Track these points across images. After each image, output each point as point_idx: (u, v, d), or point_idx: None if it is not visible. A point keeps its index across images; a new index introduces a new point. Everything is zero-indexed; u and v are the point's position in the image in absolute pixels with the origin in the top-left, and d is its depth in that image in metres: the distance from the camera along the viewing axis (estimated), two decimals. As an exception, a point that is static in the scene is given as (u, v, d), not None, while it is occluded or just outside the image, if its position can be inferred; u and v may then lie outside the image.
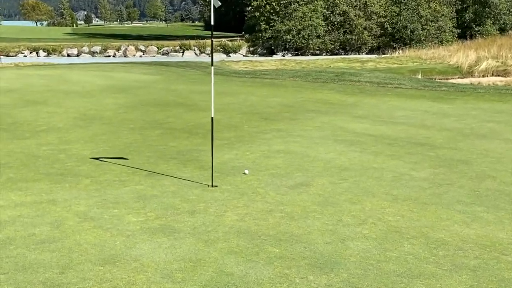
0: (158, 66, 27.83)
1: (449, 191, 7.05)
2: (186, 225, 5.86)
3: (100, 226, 5.86)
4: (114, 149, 9.54)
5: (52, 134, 10.79)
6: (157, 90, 17.79)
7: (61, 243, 5.40)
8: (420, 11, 50.10)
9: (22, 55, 46.44)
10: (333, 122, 11.94)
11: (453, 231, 5.68)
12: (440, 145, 9.72)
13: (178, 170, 8.13)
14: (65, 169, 8.21)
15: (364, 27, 50.24)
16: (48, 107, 14.05)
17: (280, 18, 48.73)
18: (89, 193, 7.02)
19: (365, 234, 5.59)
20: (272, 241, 5.43)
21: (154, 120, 12.31)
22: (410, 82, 20.39)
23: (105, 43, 52.74)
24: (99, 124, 11.82)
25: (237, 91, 17.35)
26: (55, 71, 24.32)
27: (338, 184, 7.39)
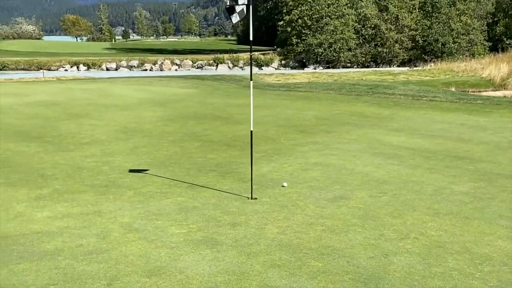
0: (194, 80, 27.95)
1: (490, 205, 6.85)
2: (228, 238, 5.80)
3: (145, 237, 5.83)
4: (155, 161, 9.54)
5: (95, 146, 10.86)
6: (194, 103, 17.84)
7: (108, 254, 5.39)
8: (451, 25, 49.64)
9: (63, 69, 47.11)
10: (369, 135, 11.79)
11: (497, 246, 5.51)
12: (479, 158, 9.49)
13: (217, 182, 8.08)
14: (109, 181, 8.23)
15: (395, 40, 49.95)
16: (90, 120, 14.19)
17: (311, 32, 48.71)
18: (133, 205, 7.01)
19: (408, 249, 5.45)
20: (314, 255, 5.33)
21: (193, 133, 12.31)
22: (445, 95, 20.07)
23: (142, 58, 53.27)
24: (140, 137, 11.86)
25: (272, 104, 17.30)
26: (96, 85, 24.59)
27: (378, 197, 7.25)
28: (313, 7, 48.57)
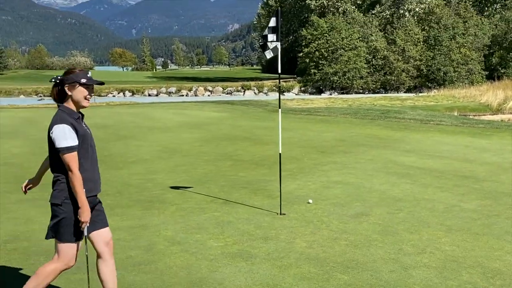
0: (225, 105, 27.98)
1: (497, 222, 6.61)
2: (261, 251, 5.65)
3: (186, 250, 5.70)
4: (193, 178, 9.45)
5: (140, 165, 10.81)
6: (226, 125, 17.80)
7: (154, 265, 5.27)
8: (451, 56, 49.32)
9: (111, 95, 47.64)
10: (383, 156, 11.58)
11: (507, 261, 5.28)
12: (483, 178, 9.22)
13: (249, 199, 7.95)
14: (153, 197, 8.14)
15: (402, 69, 49.81)
16: (136, 141, 14.19)
17: (328, 62, 48.80)
18: (175, 219, 6.90)
19: (425, 263, 5.25)
20: (340, 268, 5.15)
21: (225, 153, 12.22)
22: (450, 119, 19.76)
23: (179, 85, 53.66)
24: (179, 156, 11.81)
25: (295, 126, 17.16)
26: (140, 109, 24.74)
27: (395, 214, 7.04)
28: (329, 40, 48.69)
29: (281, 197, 7.30)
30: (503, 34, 52.29)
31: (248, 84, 52.16)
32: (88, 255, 4.00)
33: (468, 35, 50.79)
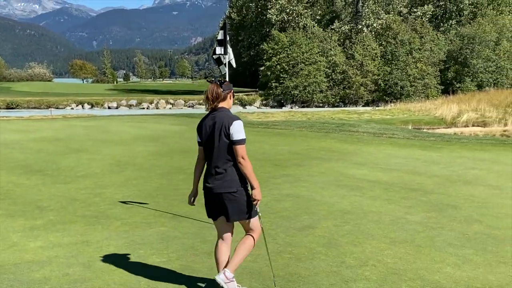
0: (185, 118, 27.82)
1: (440, 234, 6.68)
2: (204, 266, 5.56)
3: (127, 266, 5.57)
4: (143, 193, 9.27)
5: (89, 179, 10.56)
6: (183, 139, 17.63)
7: (91, 283, 5.11)
8: (408, 70, 50.38)
9: (70, 108, 46.84)
10: (335, 169, 11.63)
11: (446, 273, 5.32)
12: (431, 190, 9.34)
13: (198, 213, 7.79)
14: (99, 212, 7.94)
15: (360, 83, 50.57)
16: (88, 154, 13.90)
17: (288, 76, 49.20)
18: (119, 235, 6.74)
19: (366, 276, 5.25)
20: (281, 282, 5.11)
21: (179, 166, 12.06)
22: (402, 132, 20.05)
23: (140, 97, 53.17)
24: (131, 170, 11.59)
25: (252, 140, 17.11)
26: (96, 122, 24.35)
27: (341, 226, 7.05)
28: (289, 54, 49.12)
29: (228, 210, 7.22)
30: (458, 50, 53.66)
31: (209, 97, 52.03)
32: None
33: (424, 50, 51.96)
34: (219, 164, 4.50)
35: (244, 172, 4.50)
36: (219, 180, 4.50)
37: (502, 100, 36.69)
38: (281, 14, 54.68)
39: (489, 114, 32.87)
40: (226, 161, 4.47)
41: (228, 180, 4.47)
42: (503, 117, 32.11)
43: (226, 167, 4.47)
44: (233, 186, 4.48)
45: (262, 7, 60.59)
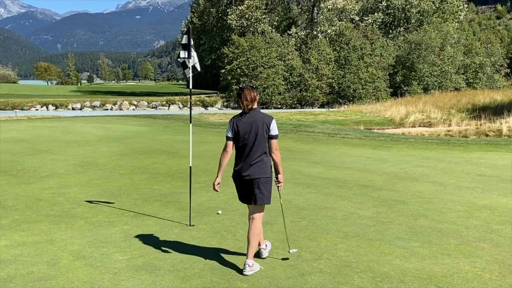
0: (148, 119, 27.49)
1: (390, 228, 6.80)
2: (166, 263, 5.50)
3: (91, 264, 5.46)
4: (107, 192, 9.12)
5: (53, 179, 10.32)
6: (146, 139, 17.42)
7: (55, 281, 5.00)
8: (360, 74, 51.10)
9: (35, 109, 45.70)
10: (292, 167, 11.70)
11: (395, 265, 5.42)
12: (381, 187, 9.50)
13: (161, 211, 7.76)
14: (63, 211, 7.76)
15: (316, 86, 51.01)
16: (52, 155, 13.57)
17: (248, 79, 49.20)
18: (83, 233, 6.61)
19: (321, 269, 5.29)
20: (241, 276, 5.10)
21: (142, 166, 11.91)
22: (354, 132, 20.33)
23: (104, 99, 52.28)
24: (95, 170, 11.38)
25: (213, 140, 17.08)
26: (61, 123, 23.82)
27: (297, 222, 7.10)
28: (249, 58, 49.17)
29: (190, 208, 7.17)
30: (406, 55, 54.79)
31: (173, 99, 51.66)
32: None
33: (375, 55, 52.85)
34: (257, 154, 5.17)
35: (276, 161, 5.27)
36: (256, 168, 5.17)
37: (446, 102, 37.65)
38: (240, 19, 54.72)
39: (434, 115, 33.66)
40: (263, 152, 5.17)
41: (263, 167, 5.19)
42: (447, 118, 32.95)
43: (262, 157, 5.18)
44: (267, 172, 5.21)
45: (223, 12, 60.54)
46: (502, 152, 14.10)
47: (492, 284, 4.90)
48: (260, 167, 5.17)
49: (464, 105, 36.15)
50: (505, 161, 12.52)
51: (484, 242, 6.20)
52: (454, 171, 11.18)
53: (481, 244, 6.10)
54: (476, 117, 31.65)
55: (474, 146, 15.69)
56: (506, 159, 12.77)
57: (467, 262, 5.49)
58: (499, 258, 5.60)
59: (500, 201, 8.30)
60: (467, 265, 5.40)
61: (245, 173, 5.19)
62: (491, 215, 7.42)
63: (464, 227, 6.84)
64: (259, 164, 5.17)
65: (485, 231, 6.65)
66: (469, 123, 30.13)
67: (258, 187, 5.20)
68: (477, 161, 12.59)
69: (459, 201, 8.29)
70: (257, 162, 5.16)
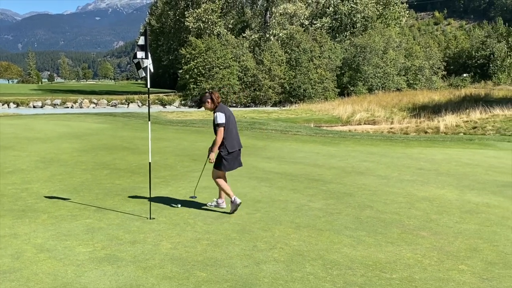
0: (108, 116, 26.92)
1: (338, 219, 6.93)
2: (128, 254, 5.44)
3: (54, 256, 5.34)
4: (69, 187, 8.89)
5: (16, 175, 9.97)
6: (106, 136, 17.06)
7: (20, 273, 4.86)
8: (310, 75, 51.62)
9: (-5, 107, 44.03)
10: (247, 162, 11.61)
11: (344, 253, 5.54)
12: (330, 180, 9.65)
13: (122, 205, 7.63)
14: (26, 206, 7.53)
15: (269, 86, 51.23)
16: (14, 151, 13.10)
17: (205, 79, 48.97)
18: (46, 227, 6.44)
19: (275, 258, 5.35)
20: (200, 266, 5.10)
21: (103, 162, 11.67)
22: (305, 130, 20.53)
23: (65, 97, 50.88)
24: (57, 166, 11.06)
25: (172, 137, 16.90)
26: (22, 121, 23.04)
27: (253, 214, 7.14)
28: (205, 59, 48.93)
29: (150, 202, 7.11)
30: (352, 57, 55.71)
31: (132, 98, 50.79)
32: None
33: (324, 57, 53.51)
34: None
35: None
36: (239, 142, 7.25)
37: (389, 102, 38.53)
38: (197, 22, 54.29)
39: (378, 113, 34.37)
40: None
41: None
42: (389, 116, 33.70)
43: None
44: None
45: (180, 15, 59.93)
46: (440, 148, 14.56)
47: (431, 269, 5.08)
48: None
49: (405, 105, 37.10)
50: (442, 155, 12.94)
51: (424, 230, 6.41)
52: (396, 165, 11.48)
53: (421, 233, 6.30)
54: (416, 116, 32.54)
55: (415, 142, 16.14)
56: (443, 154, 13.21)
57: (409, 249, 5.67)
58: (438, 245, 5.81)
59: (438, 193, 8.59)
60: (409, 252, 5.57)
61: (239, 146, 7.29)
62: (430, 206, 7.67)
63: (406, 217, 7.05)
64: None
65: (425, 220, 6.88)
66: (410, 121, 30.95)
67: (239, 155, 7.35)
68: (417, 156, 12.97)
69: (401, 193, 8.53)
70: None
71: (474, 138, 18.00)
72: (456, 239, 6.05)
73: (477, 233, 6.31)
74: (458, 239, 6.07)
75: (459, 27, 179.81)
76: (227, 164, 7.09)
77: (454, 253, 5.56)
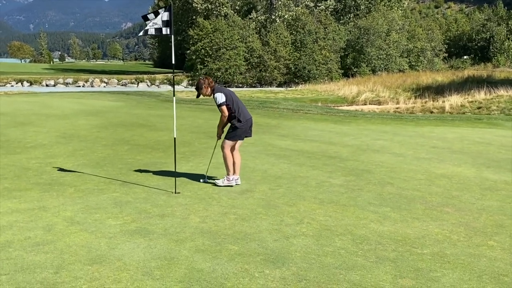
0: (120, 95, 26.70)
1: (360, 195, 6.77)
2: (158, 227, 5.30)
3: (86, 229, 5.21)
4: (92, 162, 8.75)
5: (38, 150, 9.83)
6: (122, 113, 16.89)
7: (53, 245, 4.74)
8: (314, 56, 51.06)
9: (10, 85, 43.83)
10: (263, 140, 11.54)
11: (371, 228, 5.39)
12: (346, 158, 9.48)
13: (146, 180, 7.49)
14: (52, 180, 7.40)
15: (274, 67, 50.77)
16: (34, 127, 12.96)
17: (212, 59, 48.55)
18: (74, 200, 6.31)
19: (304, 232, 5.21)
20: (230, 240, 4.96)
21: (122, 138, 11.52)
22: (316, 109, 20.26)
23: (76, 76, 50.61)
24: (77, 141, 10.92)
25: (186, 115, 16.70)
26: (38, 98, 22.85)
27: (276, 190, 6.99)
28: (213, 40, 48.42)
29: (175, 177, 6.96)
30: (356, 39, 55.04)
31: (141, 77, 50.50)
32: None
33: (328, 39, 52.87)
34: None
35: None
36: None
37: (393, 82, 38.09)
38: (205, 3, 53.65)
39: (383, 94, 34.01)
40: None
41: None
42: (394, 96, 33.34)
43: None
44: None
45: (188, -4, 59.12)
46: (449, 127, 14.34)
47: (461, 245, 4.92)
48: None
49: (409, 85, 36.66)
50: (453, 134, 12.73)
51: (447, 207, 6.25)
52: (410, 143, 11.29)
53: (445, 209, 6.15)
54: (421, 96, 32.16)
55: (425, 121, 15.91)
56: (454, 133, 12.99)
57: (436, 225, 5.51)
58: (464, 221, 5.66)
59: (456, 170, 8.41)
60: (436, 228, 5.42)
61: (251, 116, 7.29)
62: (449, 183, 7.50)
63: (428, 193, 6.89)
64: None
65: (447, 197, 6.72)
66: (415, 101, 30.56)
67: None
68: (429, 134, 12.76)
69: (419, 170, 8.36)
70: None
71: (483, 118, 17.73)
72: (481, 215, 5.89)
73: (500, 210, 6.15)
74: (483, 215, 5.91)
75: (459, 10, 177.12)
76: (242, 133, 7.05)
77: (481, 229, 5.41)
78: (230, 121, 7.02)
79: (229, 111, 6.93)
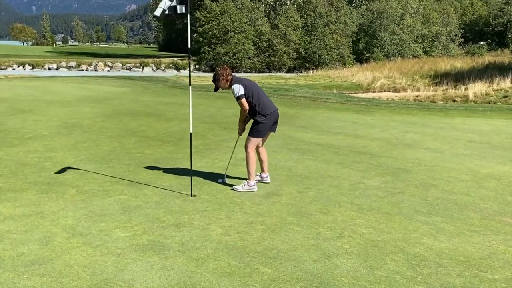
0: (125, 80, 25.89)
1: (403, 200, 5.98)
2: (174, 241, 4.56)
3: (89, 243, 4.48)
4: (96, 157, 8.01)
5: (38, 142, 9.08)
6: (128, 100, 16.12)
7: (51, 264, 4.01)
8: (325, 41, 50.08)
9: (11, 68, 43.19)
10: (282, 132, 10.63)
11: (425, 244, 4.61)
12: (377, 153, 8.65)
13: (157, 179, 6.74)
14: (52, 178, 6.65)
15: (284, 51, 49.92)
16: (34, 115, 12.22)
17: (219, 43, 47.78)
18: (76, 204, 5.57)
19: (347, 249, 4.45)
20: (261, 259, 4.21)
21: (129, 129, 10.75)
22: (335, 97, 19.32)
23: (80, 60, 49.89)
24: (80, 132, 10.16)
25: (196, 102, 15.87)
26: (39, 83, 22.10)
27: (305, 193, 6.21)
28: (220, 23, 47.59)
29: (192, 178, 6.19)
30: (368, 23, 53.91)
31: (146, 61, 49.75)
32: None
33: (339, 23, 51.82)
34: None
35: None
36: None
37: (409, 68, 37.04)
38: (213, -15, 52.54)
39: (399, 80, 33.01)
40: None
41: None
42: (411, 83, 32.31)
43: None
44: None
45: (195, -23, 57.96)
46: (482, 118, 13.46)
47: (540, 269, 4.15)
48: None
49: (427, 72, 35.59)
50: (488, 127, 11.87)
51: (506, 216, 5.47)
52: (443, 137, 10.45)
53: (504, 219, 5.37)
54: (439, 83, 31.13)
55: (454, 111, 15.01)
56: (488, 125, 12.13)
57: (499, 241, 4.74)
58: (534, 236, 4.88)
59: (502, 170, 7.60)
60: (501, 244, 4.65)
61: (277, 109, 6.44)
62: (500, 185, 6.71)
63: (479, 198, 6.10)
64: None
65: (502, 203, 5.93)
66: (436, 88, 29.50)
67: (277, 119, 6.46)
68: (461, 126, 11.90)
69: (462, 170, 7.56)
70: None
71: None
72: (550, 229, 5.11)
73: None
74: (552, 228, 5.13)
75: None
76: (265, 129, 6.29)
77: (555, 246, 4.63)
78: (252, 116, 6.19)
79: (250, 105, 6.12)
